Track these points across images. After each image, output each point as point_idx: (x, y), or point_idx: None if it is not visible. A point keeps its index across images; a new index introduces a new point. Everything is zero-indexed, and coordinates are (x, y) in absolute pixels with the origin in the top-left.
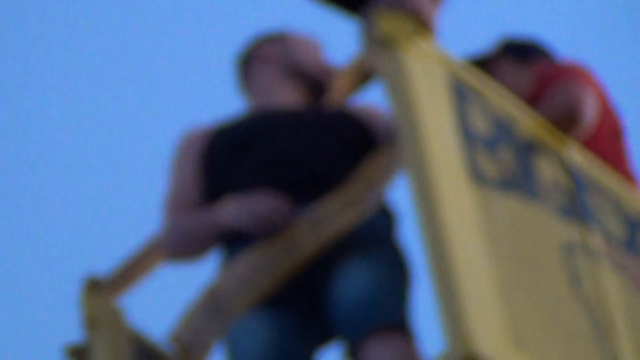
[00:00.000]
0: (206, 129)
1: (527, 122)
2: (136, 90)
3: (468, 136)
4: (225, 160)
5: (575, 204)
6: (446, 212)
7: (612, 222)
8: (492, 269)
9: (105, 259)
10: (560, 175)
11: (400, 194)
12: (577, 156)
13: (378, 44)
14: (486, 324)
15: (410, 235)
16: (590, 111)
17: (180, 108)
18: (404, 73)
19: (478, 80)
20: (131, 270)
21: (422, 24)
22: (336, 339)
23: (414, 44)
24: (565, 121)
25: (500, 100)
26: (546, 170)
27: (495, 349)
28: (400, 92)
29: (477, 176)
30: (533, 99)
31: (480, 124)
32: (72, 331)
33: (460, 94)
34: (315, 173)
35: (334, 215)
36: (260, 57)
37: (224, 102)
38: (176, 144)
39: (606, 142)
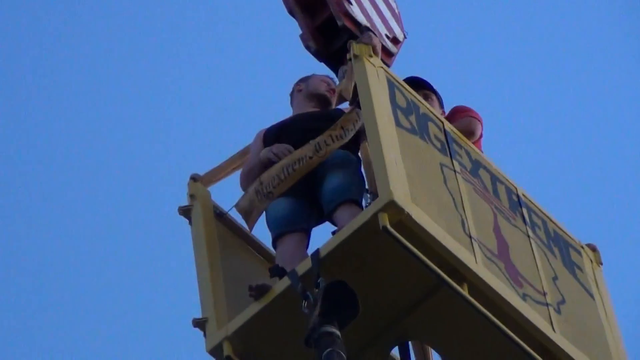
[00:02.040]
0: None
1: (426, 106)
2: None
3: (394, 106)
4: (272, 138)
5: (447, 148)
6: (382, 136)
7: (465, 160)
8: (403, 162)
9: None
10: (439, 134)
11: None
12: (450, 127)
13: (353, 58)
14: (399, 187)
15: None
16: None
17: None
18: (364, 72)
19: (398, 81)
20: (217, 172)
21: (374, 50)
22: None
23: (369, 59)
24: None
25: (411, 92)
26: (433, 129)
27: (402, 200)
28: (363, 83)
29: (398, 125)
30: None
31: (401, 100)
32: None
33: (391, 85)
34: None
35: (326, 144)
36: (294, 91)
37: None
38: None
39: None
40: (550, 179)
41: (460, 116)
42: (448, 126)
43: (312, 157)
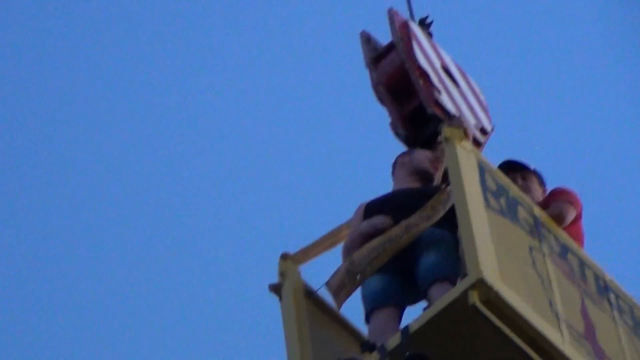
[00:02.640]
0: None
1: (518, 191)
2: None
3: (484, 188)
4: (373, 212)
5: (535, 231)
6: (472, 216)
7: (553, 243)
8: (492, 243)
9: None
10: (529, 218)
11: None
12: (539, 212)
13: (445, 142)
14: (488, 265)
15: None
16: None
17: None
18: (455, 155)
19: (489, 164)
20: (307, 251)
21: (466, 134)
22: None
23: (461, 142)
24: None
25: (501, 176)
26: (523, 213)
27: (491, 278)
28: (454, 165)
29: (488, 206)
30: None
31: (491, 183)
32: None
33: (482, 168)
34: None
35: (417, 224)
36: (397, 163)
37: None
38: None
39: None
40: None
41: (555, 199)
42: (537, 211)
43: (402, 236)
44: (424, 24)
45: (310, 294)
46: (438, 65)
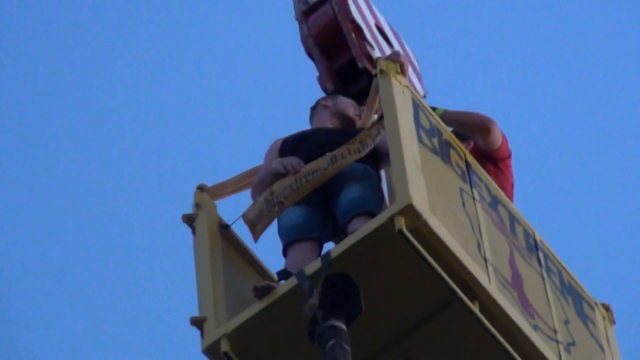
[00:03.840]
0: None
1: (451, 135)
2: None
3: (417, 124)
4: (290, 148)
5: (467, 176)
6: (404, 145)
7: (484, 192)
8: (423, 175)
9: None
10: (461, 162)
11: None
12: (472, 159)
13: (380, 74)
14: (418, 193)
15: None
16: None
17: None
18: (390, 87)
19: (423, 103)
20: (225, 186)
21: (402, 69)
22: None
23: (397, 76)
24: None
25: (435, 117)
26: (455, 157)
27: (420, 206)
28: (388, 97)
29: (420, 141)
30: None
31: (424, 122)
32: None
33: (416, 105)
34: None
35: (343, 157)
36: (318, 105)
37: None
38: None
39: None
40: (568, 231)
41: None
42: (470, 158)
43: (326, 168)
44: None
45: (225, 228)
46: (372, 22)
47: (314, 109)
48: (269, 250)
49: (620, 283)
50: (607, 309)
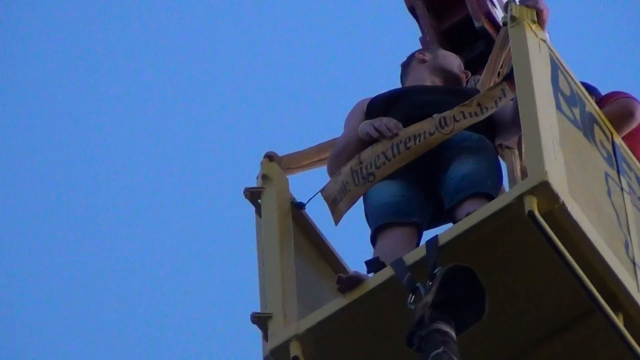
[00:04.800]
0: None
1: (597, 109)
2: None
3: (556, 87)
4: (379, 110)
5: (614, 161)
6: (539, 112)
7: (635, 185)
8: (562, 149)
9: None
10: (607, 143)
11: None
12: (620, 141)
13: (510, 23)
14: (555, 170)
15: None
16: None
17: None
18: (524, 38)
19: (564, 65)
20: (300, 158)
21: (539, 18)
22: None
23: (532, 26)
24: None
25: (578, 83)
26: (600, 135)
27: (558, 185)
28: (521, 51)
29: (559, 109)
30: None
31: (564, 86)
32: None
33: (554, 64)
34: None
35: (455, 120)
36: (414, 59)
37: None
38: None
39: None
40: None
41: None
42: (618, 139)
43: (433, 133)
44: None
45: (298, 207)
46: None
47: (406, 66)
48: (347, 240)
49: None
50: None
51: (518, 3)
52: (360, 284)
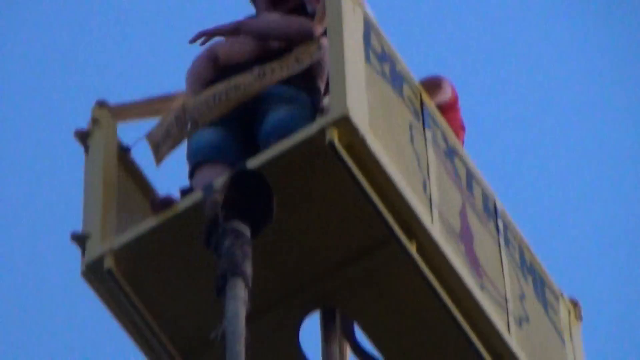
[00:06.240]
0: None
1: (408, 70)
2: None
3: (367, 43)
4: None
5: (420, 115)
6: (347, 63)
7: (439, 139)
8: (366, 93)
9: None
10: (415, 100)
11: None
12: (428, 99)
13: None
14: (357, 105)
15: None
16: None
17: None
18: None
19: (377, 27)
20: (131, 108)
21: None
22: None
23: None
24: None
25: (390, 46)
26: (408, 92)
27: (359, 120)
28: (335, 9)
29: (368, 61)
30: None
31: (376, 44)
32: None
33: (367, 25)
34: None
35: (273, 71)
36: None
37: None
38: None
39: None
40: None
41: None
42: (427, 98)
43: (251, 84)
44: None
45: (124, 151)
46: None
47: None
48: (171, 183)
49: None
50: (574, 304)
51: None
52: (171, 205)
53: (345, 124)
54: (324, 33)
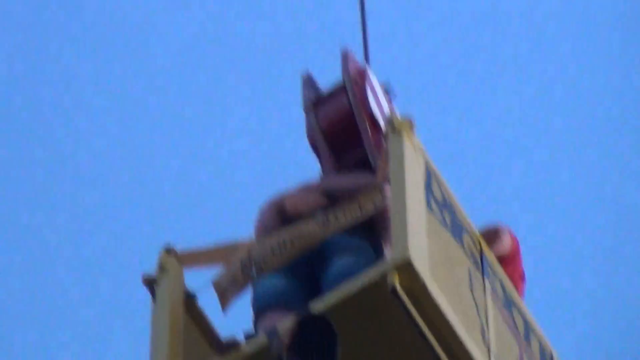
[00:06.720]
0: None
1: (467, 219)
2: None
3: (428, 190)
4: None
5: (479, 264)
6: (409, 209)
7: (498, 289)
8: (427, 241)
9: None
10: (474, 250)
11: None
12: (487, 250)
13: (391, 133)
14: (418, 251)
15: None
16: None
17: None
18: (401, 146)
19: (439, 175)
20: (198, 256)
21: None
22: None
23: (411, 138)
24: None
25: (451, 194)
26: (468, 241)
27: (420, 265)
28: (398, 158)
29: (429, 208)
30: None
31: (437, 192)
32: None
33: (429, 172)
34: None
35: (336, 220)
36: None
37: None
38: None
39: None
40: None
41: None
42: (486, 249)
43: (316, 231)
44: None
45: (190, 298)
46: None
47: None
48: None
49: None
50: None
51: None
52: (237, 348)
53: (407, 269)
54: (387, 181)
